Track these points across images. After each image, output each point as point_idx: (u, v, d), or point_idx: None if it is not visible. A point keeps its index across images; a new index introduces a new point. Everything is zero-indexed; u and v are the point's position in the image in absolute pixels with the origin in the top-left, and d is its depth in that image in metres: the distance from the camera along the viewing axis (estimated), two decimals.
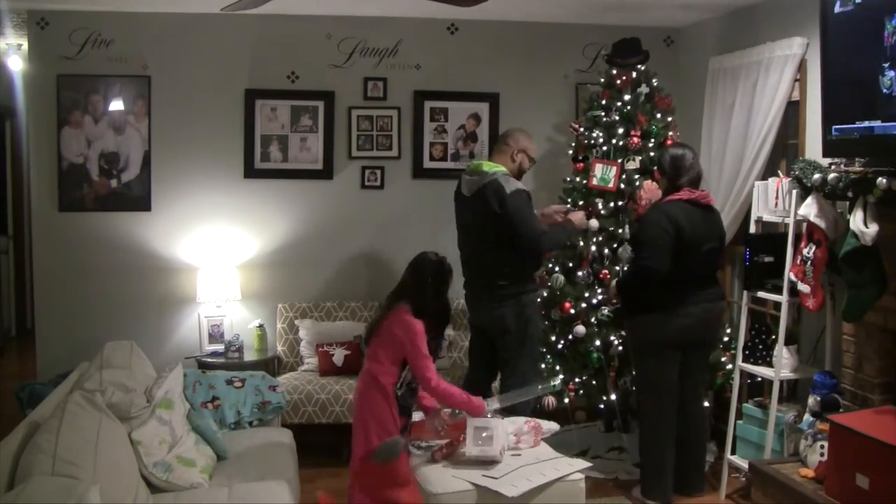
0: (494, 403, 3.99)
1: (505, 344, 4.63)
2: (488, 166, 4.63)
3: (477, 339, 4.87)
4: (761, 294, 4.61)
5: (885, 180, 3.58)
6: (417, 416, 4.15)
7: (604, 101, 5.42)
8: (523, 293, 4.62)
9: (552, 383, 4.36)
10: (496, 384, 4.87)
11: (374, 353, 3.79)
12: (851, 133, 3.79)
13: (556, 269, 5.34)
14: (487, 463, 3.67)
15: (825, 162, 4.12)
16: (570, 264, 5.31)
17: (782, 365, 4.42)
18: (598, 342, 5.10)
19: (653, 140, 5.27)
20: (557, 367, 5.23)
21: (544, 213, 4.93)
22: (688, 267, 4.31)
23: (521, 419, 4.03)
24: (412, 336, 3.70)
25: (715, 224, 4.50)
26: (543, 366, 5.16)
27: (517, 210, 4.49)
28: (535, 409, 5.01)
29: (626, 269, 4.99)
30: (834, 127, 3.90)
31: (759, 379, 4.84)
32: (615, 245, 5.22)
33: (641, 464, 4.60)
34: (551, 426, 4.12)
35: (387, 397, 3.70)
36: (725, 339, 5.17)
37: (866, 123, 3.69)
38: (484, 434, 3.69)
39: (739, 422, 4.72)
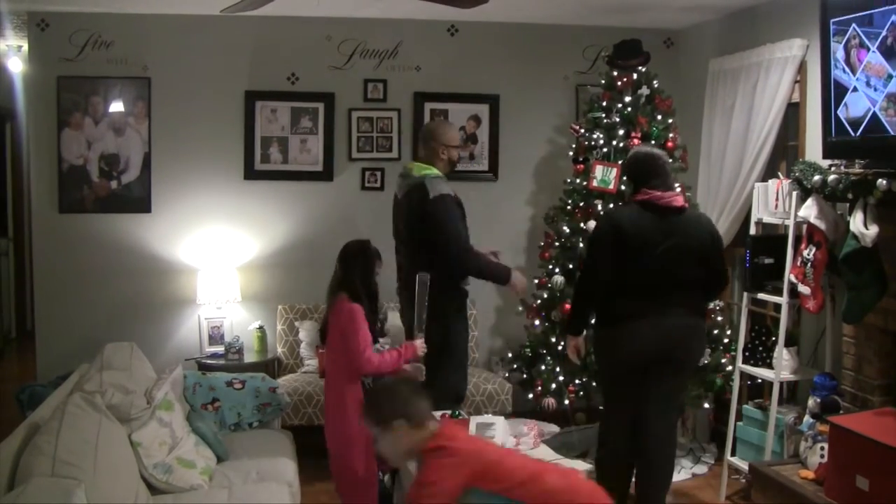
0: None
1: (427, 356, 4.27)
2: (417, 168, 4.46)
3: None
4: (761, 296, 4.61)
5: (885, 182, 3.58)
6: None
7: (604, 103, 5.42)
8: (446, 303, 4.32)
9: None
10: None
11: (332, 350, 3.91)
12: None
13: (556, 270, 5.34)
14: None
15: (825, 163, 4.12)
16: (570, 266, 5.31)
17: (782, 367, 4.41)
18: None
19: (653, 142, 5.27)
20: (557, 369, 5.23)
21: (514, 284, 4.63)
22: (639, 275, 3.89)
23: (524, 420, 4.02)
24: (350, 317, 3.78)
25: (686, 230, 3.97)
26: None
27: (438, 215, 4.31)
28: (535, 411, 5.01)
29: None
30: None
31: (759, 381, 4.84)
32: None
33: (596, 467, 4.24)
34: (551, 428, 4.12)
35: (354, 388, 3.81)
36: (725, 340, 5.17)
37: None
38: (486, 432, 3.69)
39: (739, 423, 4.72)
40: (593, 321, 4.21)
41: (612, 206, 4.25)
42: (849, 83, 3.80)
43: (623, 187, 5.19)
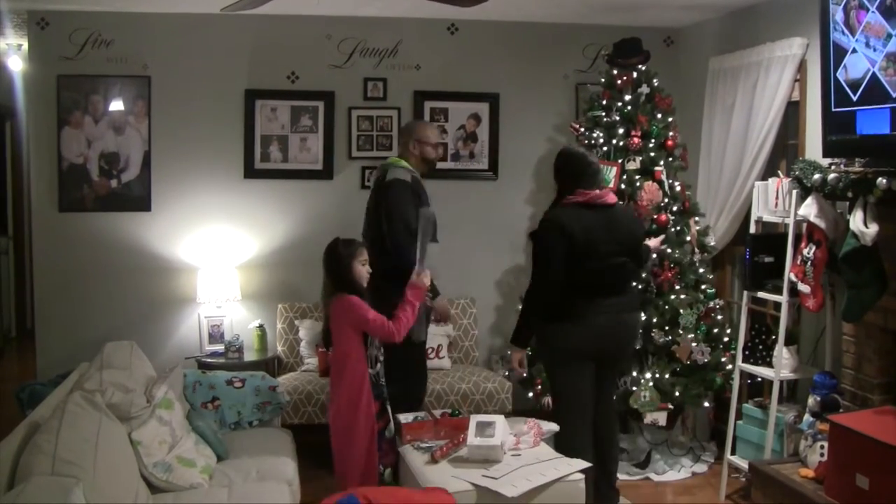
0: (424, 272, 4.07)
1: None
2: (393, 160, 4.73)
3: None
4: (761, 294, 4.61)
5: (884, 180, 3.58)
6: (405, 418, 4.17)
7: (604, 102, 5.42)
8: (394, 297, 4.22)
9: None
10: None
11: (338, 346, 3.97)
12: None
13: None
14: (487, 462, 3.67)
15: (825, 162, 4.12)
16: None
17: (782, 365, 4.42)
18: None
19: (653, 140, 5.27)
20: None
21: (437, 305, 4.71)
22: (588, 274, 3.98)
23: (524, 419, 4.03)
24: (352, 307, 3.88)
25: (618, 225, 4.09)
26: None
27: (389, 198, 4.53)
28: (535, 410, 5.01)
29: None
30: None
31: (759, 379, 4.84)
32: None
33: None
34: (551, 427, 4.12)
35: (361, 382, 3.87)
36: (725, 339, 5.17)
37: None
38: (486, 429, 3.70)
39: (739, 422, 4.72)
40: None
41: (553, 206, 4.19)
42: (848, 45, 3.77)
43: (623, 186, 5.19)
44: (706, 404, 5.17)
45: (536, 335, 4.24)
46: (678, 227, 5.20)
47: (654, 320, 5.02)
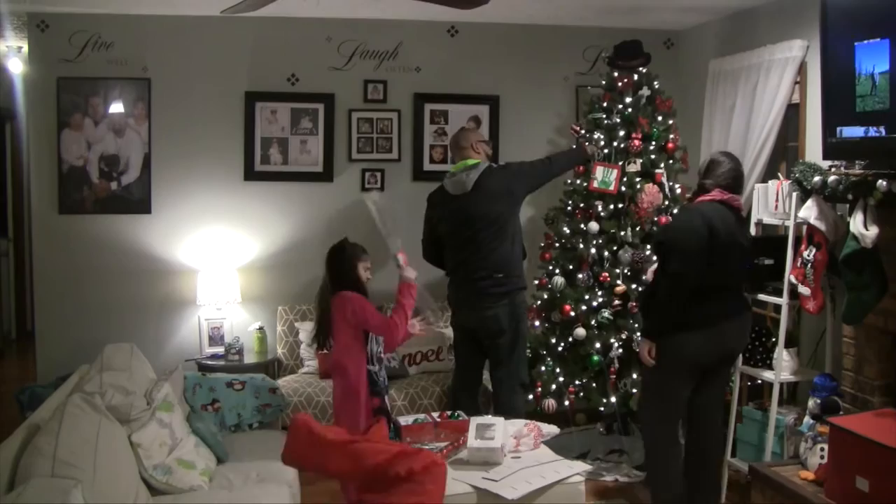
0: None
1: (499, 344, 4.74)
2: (473, 161, 4.80)
3: (464, 339, 4.93)
4: (761, 296, 4.60)
5: (885, 183, 3.58)
6: (405, 420, 4.16)
7: (604, 104, 5.42)
8: (516, 290, 4.75)
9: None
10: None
11: (337, 344, 4.03)
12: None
13: (556, 271, 5.34)
14: (487, 464, 3.67)
15: (825, 164, 4.12)
16: (570, 267, 5.32)
17: (782, 367, 4.41)
18: (598, 345, 5.09)
19: (654, 143, 5.27)
20: (558, 370, 5.23)
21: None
22: (724, 274, 3.95)
23: (521, 422, 4.03)
24: (357, 305, 3.94)
25: (745, 230, 4.21)
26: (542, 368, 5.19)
27: (522, 164, 4.94)
28: (535, 412, 5.01)
29: (648, 282, 4.54)
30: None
31: (760, 381, 4.84)
32: (615, 248, 5.22)
33: (649, 480, 4.35)
34: (551, 429, 4.11)
35: (359, 380, 3.93)
36: None
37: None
38: (486, 431, 3.69)
39: (739, 424, 4.71)
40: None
41: (690, 202, 4.24)
42: None
43: (624, 188, 5.19)
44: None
45: (659, 344, 4.05)
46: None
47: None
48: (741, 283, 4.19)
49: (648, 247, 5.12)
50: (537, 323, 5.39)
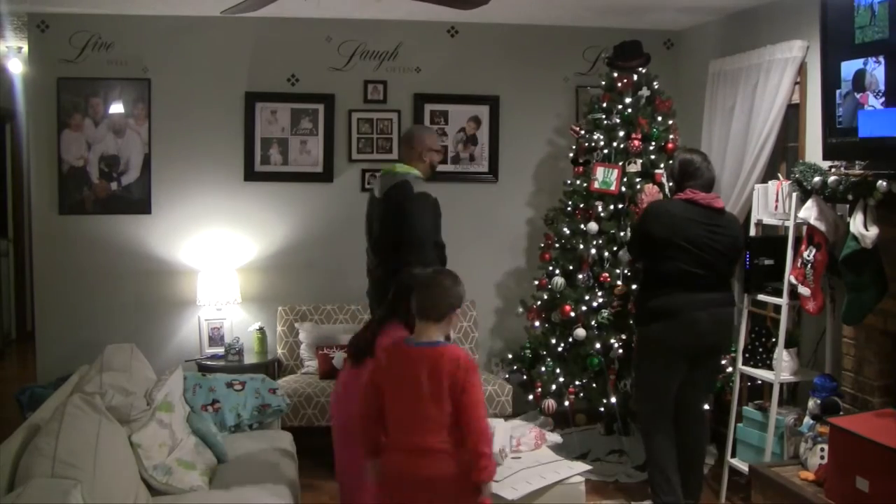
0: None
1: None
2: (401, 168, 4.53)
3: None
4: (761, 297, 4.61)
5: (885, 183, 3.58)
6: None
7: (604, 104, 5.42)
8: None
9: None
10: None
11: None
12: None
13: (556, 272, 5.34)
14: None
15: (825, 165, 4.12)
16: (571, 267, 5.32)
17: (782, 368, 4.41)
18: (598, 345, 5.09)
19: (653, 143, 5.27)
20: (558, 370, 5.23)
21: None
22: (687, 268, 4.15)
23: (527, 425, 4.03)
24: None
25: (723, 228, 4.28)
26: None
27: (416, 212, 4.35)
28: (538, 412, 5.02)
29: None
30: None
31: (760, 382, 4.84)
32: (615, 248, 5.22)
33: (647, 469, 4.47)
34: (555, 438, 4.11)
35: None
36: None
37: None
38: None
39: (739, 425, 4.71)
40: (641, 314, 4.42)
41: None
42: None
43: (624, 189, 5.19)
44: (706, 407, 5.16)
45: (637, 333, 4.56)
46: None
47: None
48: (721, 278, 4.30)
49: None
50: (537, 323, 5.40)
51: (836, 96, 3.86)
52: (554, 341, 5.27)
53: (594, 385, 5.20)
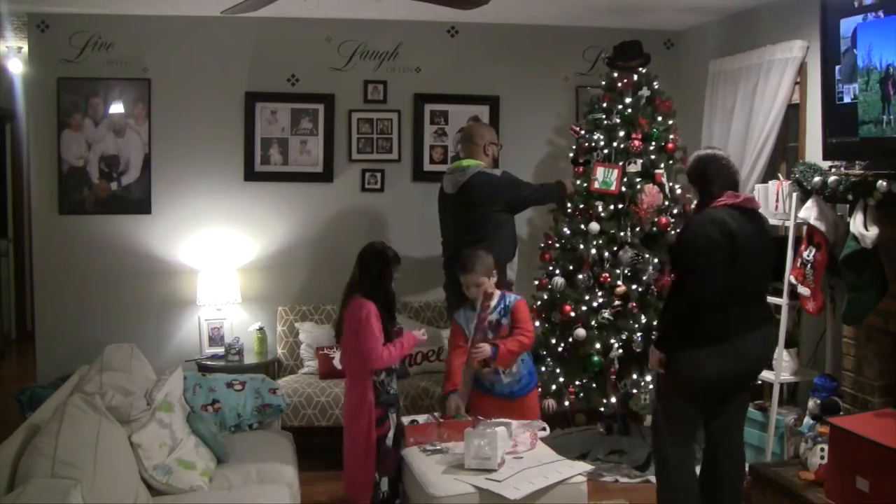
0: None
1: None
2: (467, 163, 4.99)
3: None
4: None
5: (885, 183, 3.58)
6: (407, 419, 4.17)
7: (604, 104, 5.42)
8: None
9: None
10: None
11: (346, 350, 4.16)
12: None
13: (556, 272, 5.34)
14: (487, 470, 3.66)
15: (825, 165, 4.12)
16: (571, 267, 5.31)
17: (782, 368, 4.42)
18: (598, 345, 5.09)
19: (653, 143, 5.27)
20: (558, 370, 5.23)
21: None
22: (743, 285, 3.62)
23: (516, 422, 4.01)
24: (361, 314, 3.95)
25: (765, 231, 3.83)
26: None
27: (513, 183, 4.98)
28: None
29: (667, 298, 3.98)
30: None
31: (760, 382, 4.83)
32: (615, 248, 5.22)
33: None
34: (538, 424, 4.10)
35: (364, 386, 3.99)
36: None
37: None
38: (483, 442, 3.66)
39: None
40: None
41: (698, 211, 3.84)
42: None
43: (624, 189, 5.19)
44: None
45: (669, 364, 3.75)
46: (679, 230, 5.20)
47: (655, 323, 5.02)
48: (763, 292, 3.84)
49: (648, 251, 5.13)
50: (537, 323, 5.39)
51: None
52: (554, 341, 5.27)
53: (594, 385, 5.20)
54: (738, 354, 3.63)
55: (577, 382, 5.21)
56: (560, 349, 5.25)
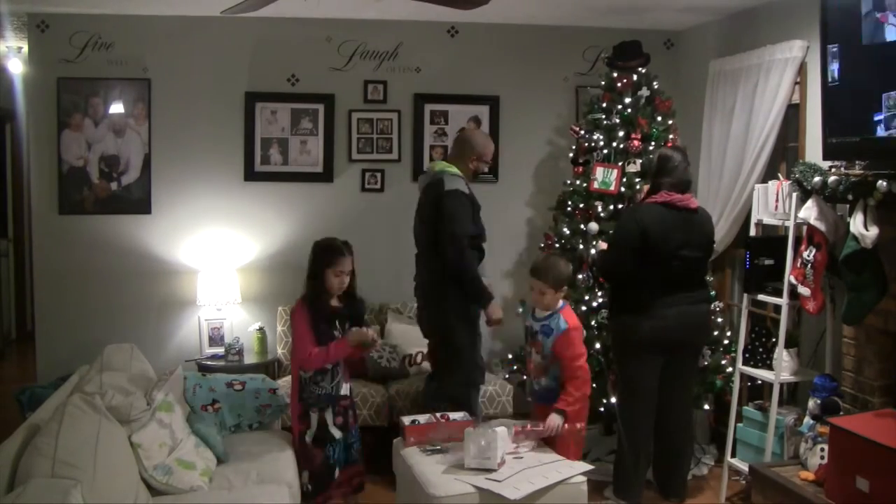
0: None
1: (436, 347, 4.82)
2: (440, 166, 4.78)
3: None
4: (761, 297, 4.61)
5: (885, 183, 3.58)
6: (407, 419, 4.16)
7: (604, 104, 5.42)
8: (445, 299, 4.65)
9: None
10: None
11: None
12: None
13: None
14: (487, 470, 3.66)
15: (825, 165, 4.12)
16: (570, 267, 5.31)
17: (782, 368, 4.41)
18: (597, 345, 5.09)
19: (653, 143, 5.27)
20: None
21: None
22: (660, 270, 4.26)
23: (512, 422, 4.02)
24: (297, 315, 4.02)
25: (697, 228, 4.38)
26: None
27: (450, 209, 4.54)
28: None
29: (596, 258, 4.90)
30: None
31: (760, 382, 4.84)
32: None
33: (615, 463, 4.59)
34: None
35: (295, 384, 4.07)
36: (725, 342, 5.17)
37: None
38: (483, 443, 3.66)
39: (739, 425, 4.71)
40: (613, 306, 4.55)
41: (638, 203, 4.59)
42: None
43: (623, 189, 5.19)
44: (706, 407, 5.16)
45: (609, 326, 4.70)
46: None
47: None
48: (693, 277, 4.42)
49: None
50: None
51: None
52: None
53: (594, 385, 5.19)
54: (659, 324, 4.25)
55: None
56: None
